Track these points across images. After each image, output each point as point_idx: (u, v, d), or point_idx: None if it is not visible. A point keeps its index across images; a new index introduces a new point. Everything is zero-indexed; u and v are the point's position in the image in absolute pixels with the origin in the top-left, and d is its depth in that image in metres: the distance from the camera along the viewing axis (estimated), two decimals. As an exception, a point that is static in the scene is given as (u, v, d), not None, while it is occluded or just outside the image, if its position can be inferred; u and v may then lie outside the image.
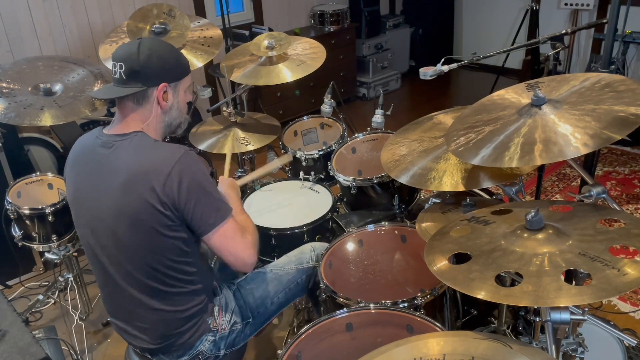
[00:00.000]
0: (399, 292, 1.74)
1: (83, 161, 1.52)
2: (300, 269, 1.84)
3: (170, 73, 1.49)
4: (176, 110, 1.55)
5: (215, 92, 4.31)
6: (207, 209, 1.43)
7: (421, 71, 1.81)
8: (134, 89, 1.45)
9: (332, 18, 4.95)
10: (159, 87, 1.47)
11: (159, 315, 1.52)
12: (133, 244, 1.43)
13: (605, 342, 1.65)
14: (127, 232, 1.42)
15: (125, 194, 1.40)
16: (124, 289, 1.50)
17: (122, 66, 1.43)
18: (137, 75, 1.44)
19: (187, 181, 1.39)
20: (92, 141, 1.51)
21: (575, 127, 1.30)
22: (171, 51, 1.51)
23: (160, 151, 1.43)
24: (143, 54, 1.43)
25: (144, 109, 1.48)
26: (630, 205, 3.31)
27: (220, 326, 1.62)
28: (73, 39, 3.69)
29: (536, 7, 4.29)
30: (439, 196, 1.87)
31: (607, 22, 1.72)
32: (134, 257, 1.45)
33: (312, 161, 2.46)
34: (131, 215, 1.40)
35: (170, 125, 1.57)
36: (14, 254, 2.64)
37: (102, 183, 1.45)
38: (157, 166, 1.39)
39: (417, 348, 1.12)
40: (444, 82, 5.77)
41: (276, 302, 1.77)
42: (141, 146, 1.45)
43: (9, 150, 2.75)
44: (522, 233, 1.22)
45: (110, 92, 1.48)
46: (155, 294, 1.49)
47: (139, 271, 1.46)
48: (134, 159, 1.42)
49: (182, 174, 1.39)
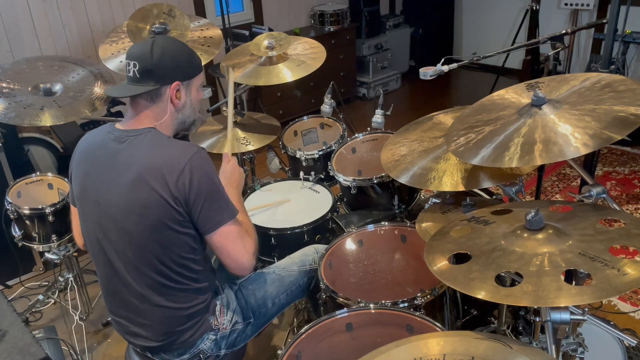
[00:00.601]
0: (399, 292, 1.74)
1: (94, 156, 1.53)
2: (302, 270, 1.84)
3: (183, 72, 1.51)
4: (189, 108, 1.57)
5: (215, 92, 4.31)
6: (214, 208, 1.45)
7: (421, 71, 1.82)
8: (148, 87, 1.47)
9: (332, 18, 4.95)
10: (172, 85, 1.49)
11: (162, 312, 1.52)
12: (143, 238, 1.45)
13: (605, 342, 1.65)
14: (138, 226, 1.44)
15: (137, 188, 1.41)
16: (129, 284, 1.51)
17: (136, 64, 1.46)
18: (151, 74, 1.46)
19: (198, 178, 1.41)
20: (104, 136, 1.53)
21: (575, 127, 1.30)
22: (184, 50, 1.53)
23: (174, 148, 1.46)
24: (156, 53, 1.46)
25: (157, 107, 1.51)
26: (630, 205, 3.31)
27: (222, 325, 1.62)
28: (73, 39, 3.69)
29: (536, 7, 4.30)
30: (439, 196, 1.87)
31: (607, 22, 1.72)
32: (143, 252, 1.46)
33: (312, 161, 2.46)
34: (142, 209, 1.42)
35: (184, 123, 1.59)
36: (14, 254, 2.64)
37: (114, 177, 1.46)
38: (170, 162, 1.41)
39: (417, 348, 1.12)
40: (444, 82, 5.77)
41: (277, 304, 1.77)
42: (155, 142, 1.47)
43: (9, 150, 2.75)
44: (522, 233, 1.22)
45: (125, 90, 1.51)
46: (160, 289, 1.50)
47: (146, 266, 1.47)
48: (147, 154, 1.44)
49: (194, 171, 1.41)
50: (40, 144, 3.28)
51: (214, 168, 1.48)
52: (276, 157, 2.82)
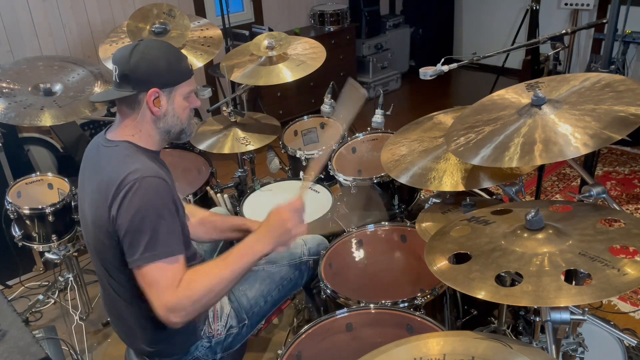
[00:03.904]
0: (399, 292, 1.74)
1: (85, 165, 1.55)
2: (292, 264, 1.81)
3: (160, 78, 1.42)
4: (172, 117, 1.47)
5: (215, 92, 4.31)
6: (136, 242, 1.33)
7: (421, 71, 1.81)
8: (125, 93, 1.42)
9: (332, 18, 4.94)
10: (149, 92, 1.41)
11: (148, 322, 1.48)
12: (103, 253, 1.44)
13: (605, 342, 1.65)
14: (96, 240, 1.43)
15: (94, 200, 1.42)
16: (111, 291, 1.51)
17: (117, 69, 1.42)
18: (128, 79, 1.41)
19: (130, 204, 1.32)
20: (97, 141, 1.53)
21: (575, 127, 1.30)
22: (165, 56, 1.43)
23: (126, 165, 1.38)
24: (134, 58, 1.40)
25: (137, 114, 1.45)
26: (630, 205, 3.31)
27: (216, 332, 1.61)
28: (73, 39, 3.68)
29: (536, 7, 4.30)
30: (439, 196, 1.87)
31: (607, 22, 1.72)
32: (109, 264, 1.45)
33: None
34: (95, 224, 1.41)
35: (169, 133, 1.50)
36: (14, 254, 2.64)
37: (87, 189, 1.47)
38: (114, 178, 1.35)
39: (417, 348, 1.12)
40: (444, 82, 5.76)
41: (270, 301, 1.75)
42: (116, 156, 1.43)
43: (9, 150, 2.75)
44: (522, 233, 1.22)
45: (107, 94, 1.50)
46: (137, 300, 1.43)
47: (117, 277, 1.46)
48: (105, 167, 1.42)
49: (131, 195, 1.32)
50: (40, 144, 3.28)
51: (158, 200, 1.36)
52: (276, 157, 2.82)
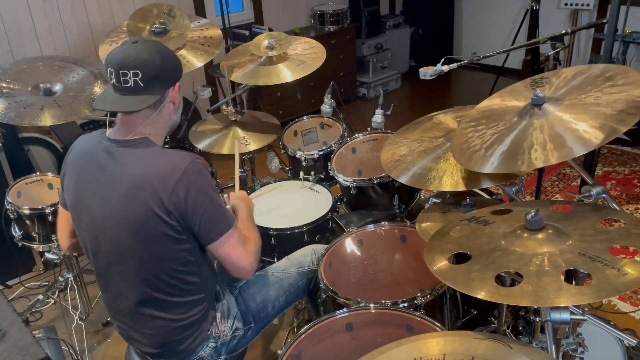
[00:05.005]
0: (399, 292, 1.74)
1: (84, 166, 1.49)
2: (301, 272, 1.83)
3: (180, 70, 1.49)
4: (180, 107, 1.54)
5: (215, 92, 4.31)
6: (213, 219, 1.42)
7: (421, 71, 1.81)
8: (154, 96, 1.41)
9: (332, 18, 4.95)
10: (176, 86, 1.47)
11: (158, 323, 1.51)
12: (137, 252, 1.42)
13: (605, 342, 1.65)
14: (132, 240, 1.41)
15: (130, 202, 1.37)
16: (123, 295, 1.50)
17: (138, 73, 1.37)
18: (156, 80, 1.40)
19: (194, 191, 1.37)
20: (95, 145, 1.47)
21: (583, 121, 1.29)
22: (168, 49, 1.48)
23: (168, 159, 1.41)
24: (157, 59, 1.40)
25: (157, 113, 1.45)
26: (630, 205, 3.31)
27: (222, 332, 1.61)
28: (73, 39, 3.69)
29: (536, 7, 4.30)
30: (439, 196, 1.87)
31: (607, 22, 1.72)
32: (137, 265, 1.44)
33: (312, 161, 2.46)
34: (135, 224, 1.38)
35: (174, 125, 1.55)
36: (14, 254, 2.64)
37: (106, 191, 1.42)
38: (164, 175, 1.36)
39: (417, 348, 1.12)
40: (444, 82, 5.76)
41: (277, 306, 1.77)
42: (147, 154, 1.42)
43: (9, 150, 2.75)
44: (522, 233, 1.22)
45: (126, 103, 1.40)
46: (153, 302, 1.48)
47: (140, 279, 1.45)
48: (139, 166, 1.40)
49: (190, 183, 1.37)
50: (40, 144, 3.28)
51: (209, 177, 1.45)
52: (276, 157, 2.82)
